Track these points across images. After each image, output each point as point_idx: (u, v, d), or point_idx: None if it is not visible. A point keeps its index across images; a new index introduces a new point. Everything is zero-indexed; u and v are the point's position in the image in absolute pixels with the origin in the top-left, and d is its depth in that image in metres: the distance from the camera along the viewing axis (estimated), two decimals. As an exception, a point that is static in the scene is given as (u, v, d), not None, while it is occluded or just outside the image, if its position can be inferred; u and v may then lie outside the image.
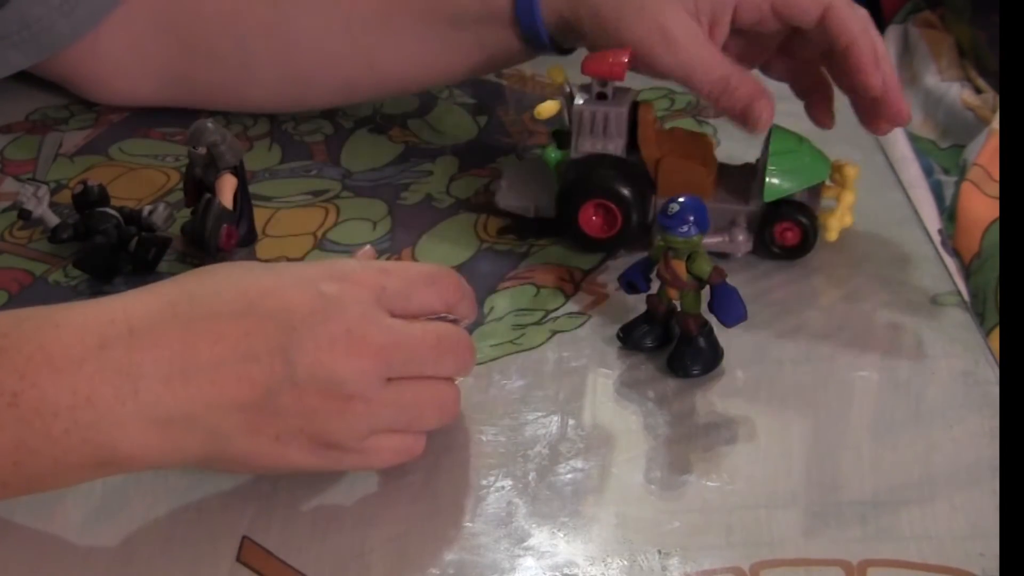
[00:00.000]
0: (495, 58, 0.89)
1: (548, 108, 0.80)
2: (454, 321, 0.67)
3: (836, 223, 0.82)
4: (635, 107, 0.82)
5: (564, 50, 0.88)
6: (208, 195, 0.81)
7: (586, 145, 0.81)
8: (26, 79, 0.98)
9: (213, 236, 0.81)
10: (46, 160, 0.92)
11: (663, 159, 0.81)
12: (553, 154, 0.83)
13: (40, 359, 0.59)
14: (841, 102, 0.84)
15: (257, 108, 0.97)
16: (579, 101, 0.81)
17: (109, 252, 0.81)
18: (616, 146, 0.81)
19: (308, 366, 0.60)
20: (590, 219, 0.81)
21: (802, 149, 0.81)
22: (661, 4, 0.79)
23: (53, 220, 0.82)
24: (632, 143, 0.82)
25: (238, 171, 0.82)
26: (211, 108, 0.96)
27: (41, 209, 0.82)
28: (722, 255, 0.81)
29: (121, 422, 0.59)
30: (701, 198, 0.72)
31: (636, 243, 0.82)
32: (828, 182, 0.82)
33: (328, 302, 0.61)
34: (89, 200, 0.83)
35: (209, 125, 0.81)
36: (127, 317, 0.60)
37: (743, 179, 0.83)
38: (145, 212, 0.83)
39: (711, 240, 0.80)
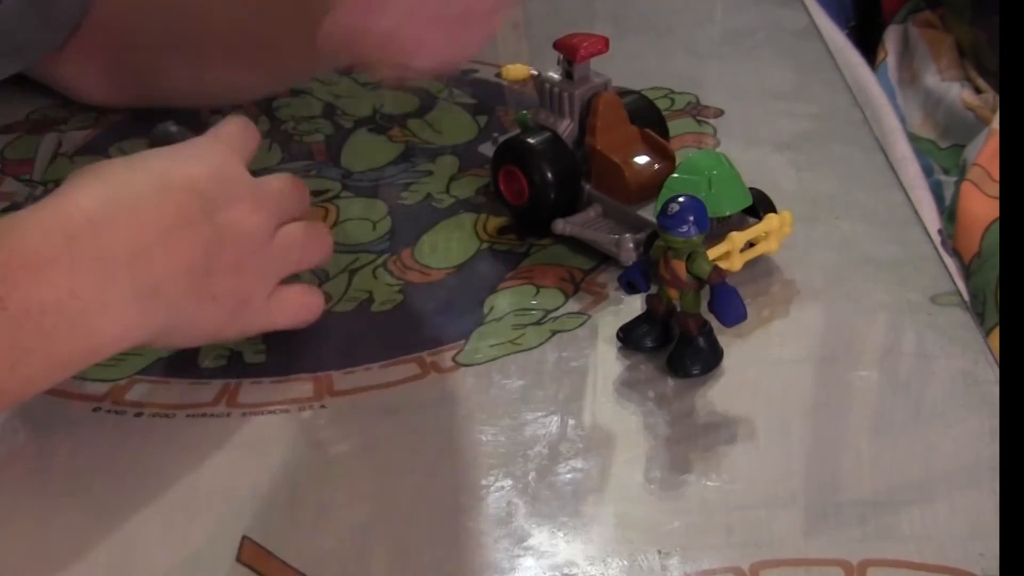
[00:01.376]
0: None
1: (515, 70, 0.84)
2: None
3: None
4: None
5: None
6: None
7: (540, 116, 0.85)
8: (26, 79, 0.98)
9: None
10: (43, 162, 0.92)
11: (595, 150, 0.83)
12: (523, 117, 0.87)
13: (15, 263, 0.63)
14: (841, 102, 0.84)
15: (219, 97, 0.96)
16: (552, 75, 0.84)
17: None
18: (564, 127, 0.83)
19: (226, 222, 0.69)
20: (506, 182, 0.85)
21: (713, 177, 0.79)
22: None
23: None
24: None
25: None
26: (183, 104, 0.95)
27: None
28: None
29: (104, 306, 0.65)
30: (698, 199, 0.72)
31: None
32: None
33: (227, 171, 0.71)
34: None
35: (171, 128, 0.80)
36: (81, 209, 0.65)
37: None
38: None
39: (603, 238, 0.81)
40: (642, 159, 0.84)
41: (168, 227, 0.67)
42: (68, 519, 0.65)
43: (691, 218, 0.71)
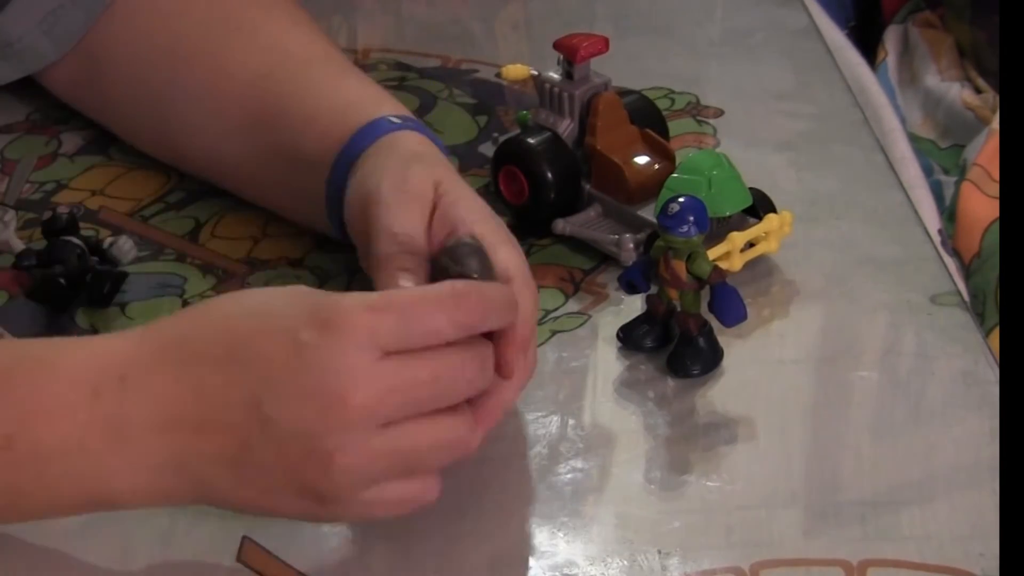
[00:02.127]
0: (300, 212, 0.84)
1: (515, 70, 0.83)
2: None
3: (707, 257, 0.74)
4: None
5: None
6: None
7: (541, 116, 0.85)
8: (26, 79, 0.98)
9: None
10: (17, 184, 0.91)
11: (595, 150, 0.83)
12: (523, 117, 0.87)
13: (34, 405, 0.60)
14: (841, 102, 0.84)
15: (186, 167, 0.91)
16: (553, 75, 0.84)
17: (63, 284, 0.78)
18: (564, 127, 0.83)
19: (284, 422, 0.58)
20: (506, 182, 0.84)
21: (713, 177, 0.79)
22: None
23: (18, 246, 0.80)
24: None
25: None
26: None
27: (7, 234, 0.80)
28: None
29: (113, 469, 0.60)
30: (698, 199, 0.72)
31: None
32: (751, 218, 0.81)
33: (303, 353, 0.58)
34: (56, 228, 0.80)
35: (466, 244, 0.66)
36: (120, 363, 0.60)
37: None
38: (106, 244, 0.80)
39: (603, 238, 0.81)
40: (642, 159, 0.84)
41: (205, 407, 0.59)
42: (68, 519, 0.65)
43: (691, 218, 0.71)
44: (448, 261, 0.64)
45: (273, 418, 0.58)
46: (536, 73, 0.86)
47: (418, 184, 0.69)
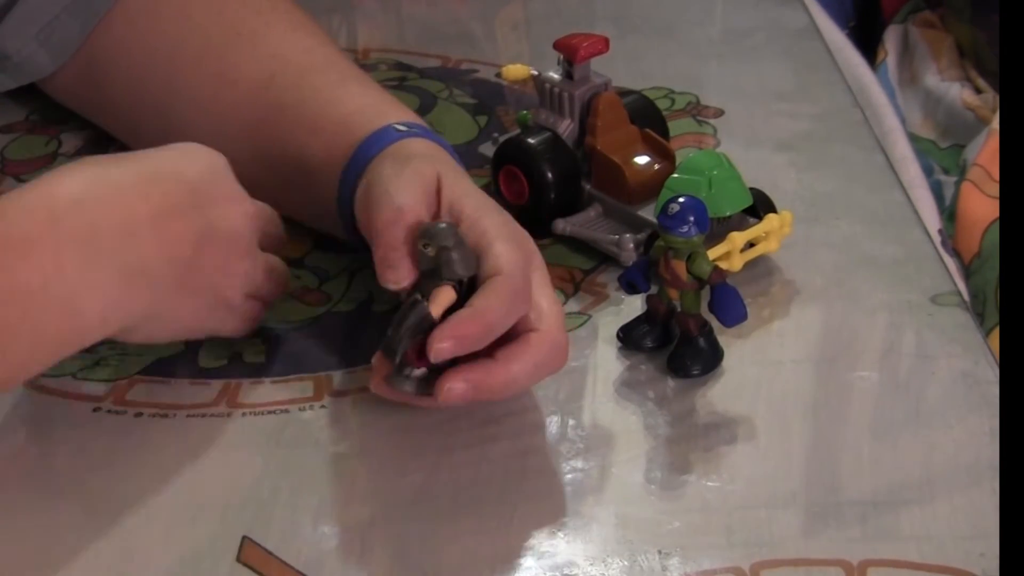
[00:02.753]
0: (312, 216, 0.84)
1: (515, 70, 0.83)
2: None
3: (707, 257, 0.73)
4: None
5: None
6: (417, 296, 0.68)
7: (541, 116, 0.85)
8: (26, 79, 0.98)
9: (403, 343, 0.67)
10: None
11: (595, 150, 0.83)
12: (523, 117, 0.87)
13: (1, 246, 0.63)
14: (841, 102, 0.84)
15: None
16: (553, 75, 0.84)
17: None
18: (564, 127, 0.84)
19: (218, 219, 0.68)
20: (506, 182, 0.85)
21: (714, 177, 0.79)
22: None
23: None
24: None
25: (460, 288, 0.68)
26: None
27: None
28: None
29: (92, 284, 0.65)
30: (700, 200, 0.72)
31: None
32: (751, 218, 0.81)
33: (217, 172, 0.70)
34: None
35: (442, 226, 0.68)
36: (66, 190, 0.65)
37: None
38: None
39: (603, 238, 0.81)
40: (642, 159, 0.84)
41: (156, 213, 0.66)
42: (68, 519, 0.65)
43: (691, 218, 0.71)
44: (424, 243, 0.68)
45: (211, 217, 0.68)
46: (536, 73, 0.86)
47: (420, 167, 0.72)
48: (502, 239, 0.69)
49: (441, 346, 0.66)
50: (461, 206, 0.70)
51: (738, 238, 0.78)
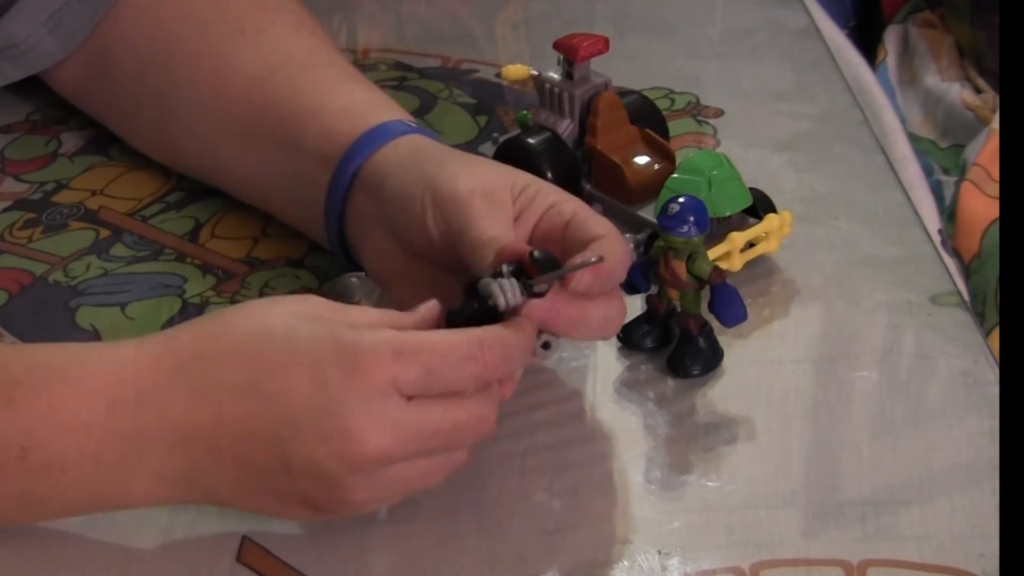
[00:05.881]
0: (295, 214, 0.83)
1: (515, 70, 0.83)
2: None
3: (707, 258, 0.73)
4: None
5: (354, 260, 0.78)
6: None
7: (541, 116, 0.85)
8: (26, 79, 0.98)
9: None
10: None
11: (595, 150, 0.83)
12: (523, 117, 0.87)
13: (50, 418, 0.60)
14: (841, 102, 0.84)
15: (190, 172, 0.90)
16: (553, 75, 0.84)
17: None
18: (564, 127, 0.84)
19: (302, 460, 0.59)
20: None
21: (713, 177, 0.79)
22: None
23: None
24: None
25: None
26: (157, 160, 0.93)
27: None
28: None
29: (126, 481, 0.61)
30: (701, 200, 0.72)
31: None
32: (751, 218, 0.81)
33: (330, 395, 0.59)
34: None
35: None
36: (136, 377, 0.61)
37: None
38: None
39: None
40: (642, 159, 0.84)
41: (222, 433, 0.60)
42: (68, 519, 0.65)
43: (691, 218, 0.71)
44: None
45: (292, 456, 0.60)
46: (536, 73, 0.86)
47: (497, 181, 0.69)
48: (591, 215, 0.69)
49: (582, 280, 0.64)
50: (553, 203, 0.70)
51: (738, 238, 0.78)
